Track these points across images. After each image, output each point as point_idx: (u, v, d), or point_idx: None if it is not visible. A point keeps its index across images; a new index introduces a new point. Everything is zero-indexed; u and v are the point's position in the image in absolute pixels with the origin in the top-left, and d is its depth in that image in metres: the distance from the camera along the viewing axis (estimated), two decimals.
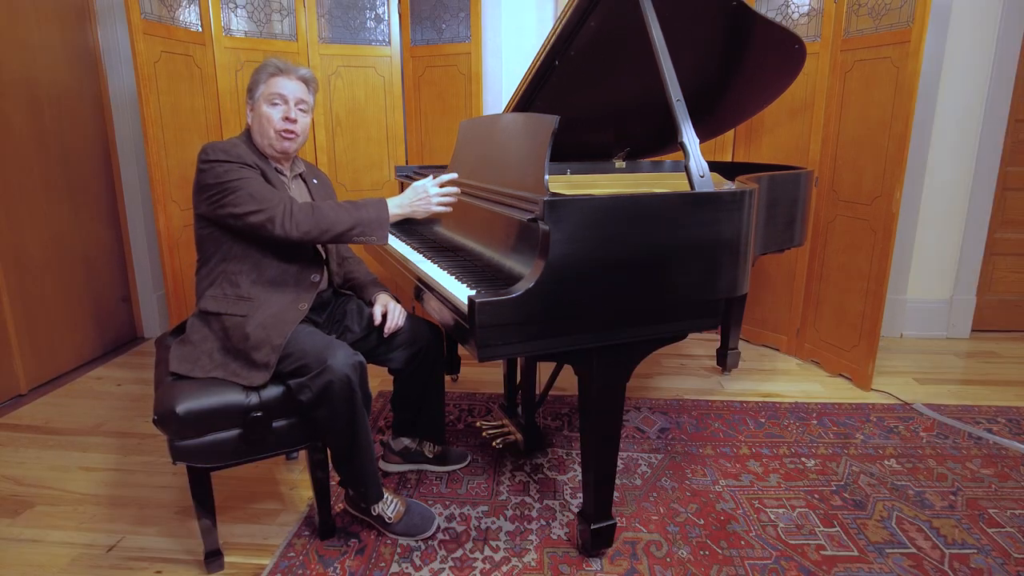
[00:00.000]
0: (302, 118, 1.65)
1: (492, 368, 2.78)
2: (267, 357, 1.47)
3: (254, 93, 1.64)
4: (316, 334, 1.54)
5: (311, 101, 1.70)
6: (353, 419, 1.48)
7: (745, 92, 2.33)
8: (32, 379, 2.60)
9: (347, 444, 1.52)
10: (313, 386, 1.44)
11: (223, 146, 1.55)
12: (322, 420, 1.48)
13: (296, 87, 1.64)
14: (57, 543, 1.65)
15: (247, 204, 1.50)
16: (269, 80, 1.62)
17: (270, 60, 1.65)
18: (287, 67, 1.64)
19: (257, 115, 1.63)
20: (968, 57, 2.91)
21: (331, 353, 1.45)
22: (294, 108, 1.63)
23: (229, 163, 1.52)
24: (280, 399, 1.49)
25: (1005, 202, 3.14)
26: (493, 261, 1.61)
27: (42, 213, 2.63)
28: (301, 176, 1.79)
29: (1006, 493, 1.87)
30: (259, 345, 1.48)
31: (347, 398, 1.45)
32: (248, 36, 2.73)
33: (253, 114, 1.65)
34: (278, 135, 1.62)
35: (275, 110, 1.61)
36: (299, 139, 1.66)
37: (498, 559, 1.58)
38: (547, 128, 1.47)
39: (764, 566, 1.55)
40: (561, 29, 1.85)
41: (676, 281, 1.39)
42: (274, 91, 1.61)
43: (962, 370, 2.84)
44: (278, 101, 1.61)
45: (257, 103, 1.63)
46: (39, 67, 2.61)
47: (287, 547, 1.62)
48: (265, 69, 1.63)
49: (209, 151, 1.53)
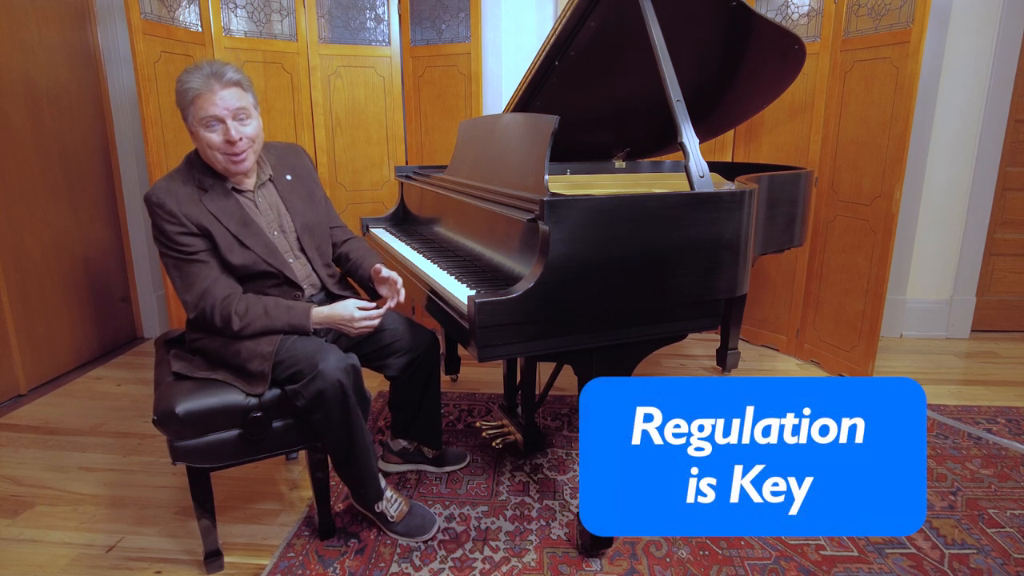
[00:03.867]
0: (246, 129, 1.46)
1: (492, 368, 2.78)
2: (261, 366, 1.46)
3: (186, 119, 1.45)
4: (308, 339, 1.52)
5: (250, 100, 1.49)
6: (348, 422, 1.48)
7: (745, 92, 2.33)
8: (32, 379, 2.60)
9: (344, 447, 1.51)
10: (306, 392, 1.43)
11: (159, 199, 1.43)
12: (318, 424, 1.48)
13: (227, 96, 1.42)
14: (57, 543, 1.65)
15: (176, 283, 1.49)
16: (195, 102, 1.41)
17: (186, 81, 1.41)
18: (208, 81, 1.41)
19: (198, 141, 1.46)
20: (968, 57, 2.91)
21: (322, 358, 1.43)
22: (233, 123, 1.43)
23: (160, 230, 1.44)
24: (279, 400, 1.49)
25: (1005, 202, 3.14)
26: (493, 261, 1.61)
27: (42, 213, 2.63)
28: (270, 180, 1.62)
29: (1006, 493, 1.87)
30: (250, 357, 1.47)
31: (340, 402, 1.44)
32: (248, 36, 2.73)
33: (196, 140, 1.47)
34: (227, 159, 1.46)
35: (214, 134, 1.43)
36: (252, 149, 1.50)
37: (498, 559, 1.58)
38: (547, 128, 1.47)
39: (764, 566, 1.55)
40: (561, 29, 1.85)
41: (676, 281, 1.39)
42: (204, 115, 1.41)
43: (962, 370, 2.84)
44: (213, 123, 1.42)
45: (194, 128, 1.45)
46: (39, 67, 2.60)
47: (287, 547, 1.62)
48: (187, 93, 1.41)
49: (149, 205, 1.44)
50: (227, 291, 1.48)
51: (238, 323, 1.45)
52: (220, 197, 1.50)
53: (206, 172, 1.51)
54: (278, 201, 1.63)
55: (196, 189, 1.49)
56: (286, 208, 1.63)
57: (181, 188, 1.47)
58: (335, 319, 1.52)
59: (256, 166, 1.58)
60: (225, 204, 1.50)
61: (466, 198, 1.76)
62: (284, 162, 1.68)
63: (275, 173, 1.64)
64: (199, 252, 1.47)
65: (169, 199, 1.44)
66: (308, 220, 1.65)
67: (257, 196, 1.59)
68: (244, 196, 1.56)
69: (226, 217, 1.49)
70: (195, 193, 1.48)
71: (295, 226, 1.63)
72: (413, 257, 1.85)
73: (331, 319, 1.52)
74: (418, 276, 1.69)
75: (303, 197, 1.68)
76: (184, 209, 1.44)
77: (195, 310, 1.47)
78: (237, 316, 1.45)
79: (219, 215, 1.48)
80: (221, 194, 1.51)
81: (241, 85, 1.47)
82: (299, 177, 1.69)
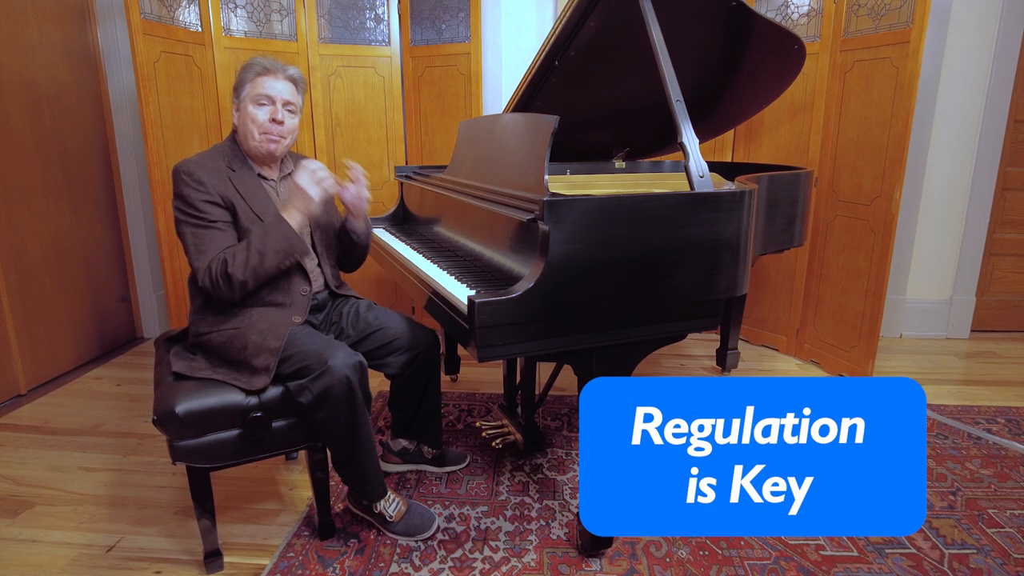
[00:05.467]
0: (289, 119, 1.60)
1: (492, 368, 2.78)
2: (266, 362, 1.47)
3: (240, 93, 1.58)
4: (316, 335, 1.53)
5: (299, 102, 1.64)
6: (354, 420, 1.48)
7: (745, 92, 2.33)
8: (31, 379, 2.60)
9: (348, 445, 1.51)
10: (313, 388, 1.43)
11: (189, 168, 1.50)
12: (322, 421, 1.47)
13: (284, 87, 1.58)
14: (56, 543, 1.65)
15: (190, 251, 1.50)
16: (256, 79, 1.56)
17: (257, 59, 1.58)
18: (275, 66, 1.57)
19: (242, 116, 1.58)
20: (968, 57, 2.91)
21: (331, 354, 1.44)
22: (281, 109, 1.57)
23: (184, 197, 1.49)
24: (280, 399, 1.49)
25: (1005, 202, 3.14)
26: (493, 261, 1.61)
27: (41, 213, 2.63)
28: (291, 175, 1.71)
29: (1005, 493, 1.87)
30: (257, 352, 1.48)
31: (347, 399, 1.45)
32: (248, 36, 2.73)
33: (239, 114, 1.59)
34: (264, 137, 1.57)
35: (261, 111, 1.56)
36: (285, 141, 1.62)
37: (498, 559, 1.58)
38: (547, 128, 1.47)
39: (764, 566, 1.55)
40: (561, 29, 1.85)
41: (676, 281, 1.39)
42: (261, 91, 1.55)
43: (962, 370, 2.84)
44: (265, 102, 1.56)
45: (243, 103, 1.58)
46: (39, 67, 2.60)
47: (287, 547, 1.62)
48: (252, 68, 1.57)
49: (178, 173, 1.50)
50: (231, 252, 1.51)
51: (231, 265, 1.46)
52: (247, 179, 1.59)
53: (236, 156, 1.61)
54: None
55: (226, 168, 1.57)
56: None
57: (211, 163, 1.55)
58: (293, 202, 1.52)
59: (281, 161, 1.70)
60: (251, 185, 1.59)
61: (466, 198, 1.76)
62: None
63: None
64: (218, 222, 1.51)
65: (199, 170, 1.51)
66: (321, 220, 1.71)
67: (279, 186, 1.68)
68: (268, 183, 1.65)
69: (251, 196, 1.57)
70: (224, 171, 1.56)
71: (309, 222, 1.67)
72: (413, 257, 1.85)
73: (291, 205, 1.53)
74: (418, 276, 1.69)
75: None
76: (212, 180, 1.52)
77: (205, 274, 1.47)
78: (230, 259, 1.46)
79: (244, 193, 1.56)
80: (248, 177, 1.60)
81: (297, 85, 1.62)
82: None
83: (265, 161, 1.64)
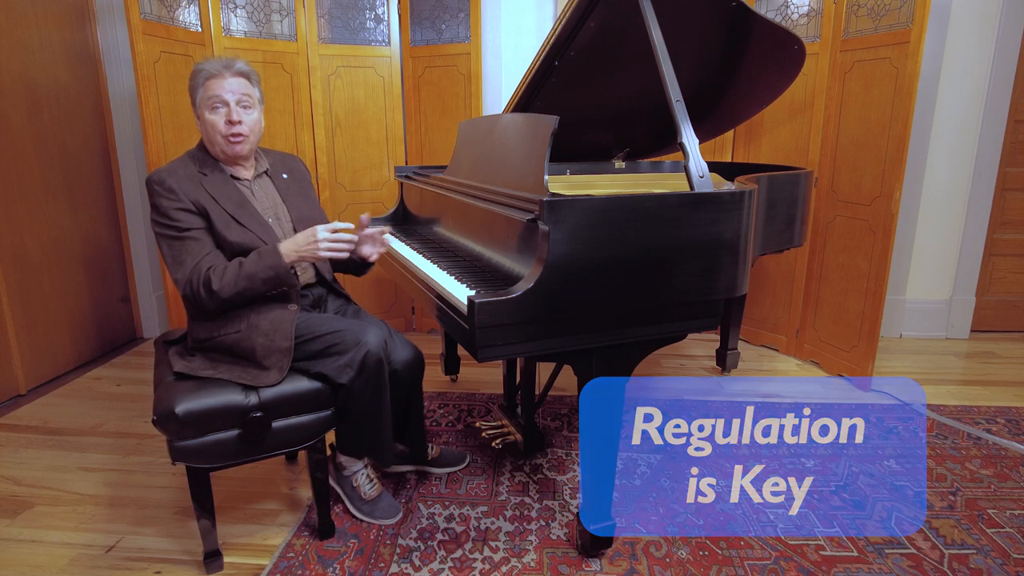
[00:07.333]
0: (247, 116, 1.57)
1: (492, 368, 2.78)
2: (279, 362, 1.50)
3: (195, 101, 1.57)
4: (339, 318, 1.59)
5: (256, 94, 1.61)
6: (381, 390, 1.56)
7: (745, 93, 2.33)
8: (31, 379, 2.60)
9: (376, 413, 1.57)
10: (353, 366, 1.50)
11: (160, 177, 1.51)
12: (356, 393, 1.52)
13: (234, 83, 1.55)
14: (56, 543, 1.65)
15: (169, 262, 1.51)
16: (205, 84, 1.55)
17: (201, 64, 1.56)
18: (220, 67, 1.55)
19: (203, 123, 1.57)
20: (967, 57, 2.91)
21: (363, 330, 1.53)
22: (236, 108, 1.55)
23: (158, 208, 1.50)
24: (279, 399, 1.49)
25: (1004, 202, 3.14)
26: (493, 261, 1.61)
27: (41, 213, 2.63)
28: (267, 174, 1.72)
29: (1005, 493, 1.87)
30: (267, 354, 1.50)
31: (378, 372, 1.53)
32: (248, 36, 2.73)
33: (200, 123, 1.59)
34: (226, 140, 1.56)
35: (217, 115, 1.55)
36: (250, 139, 1.60)
37: (497, 559, 1.58)
38: (547, 128, 1.47)
39: (764, 566, 1.55)
40: (561, 29, 1.85)
41: (675, 281, 1.39)
42: (211, 95, 1.54)
43: (961, 370, 2.84)
44: (218, 104, 1.54)
45: (200, 111, 1.57)
46: (38, 67, 2.60)
47: (286, 547, 1.62)
48: (199, 74, 1.55)
49: (150, 184, 1.51)
50: (211, 262, 1.50)
51: (217, 283, 1.46)
52: (219, 182, 1.58)
53: (206, 161, 1.60)
54: (275, 193, 1.72)
55: (197, 172, 1.57)
56: (282, 200, 1.71)
57: (182, 170, 1.56)
58: (300, 244, 1.51)
59: (253, 159, 1.68)
60: (223, 188, 1.58)
61: (466, 198, 1.76)
62: (281, 164, 1.79)
63: (272, 170, 1.74)
64: (192, 230, 1.51)
65: (169, 178, 1.52)
66: (303, 214, 1.72)
67: (254, 185, 1.67)
68: (242, 183, 1.64)
69: (223, 198, 1.56)
70: (196, 176, 1.56)
71: (291, 216, 1.70)
72: (413, 257, 1.85)
73: (297, 245, 1.51)
74: (418, 276, 1.69)
75: (299, 194, 1.77)
76: (183, 187, 1.52)
77: (185, 285, 1.48)
78: (216, 277, 1.47)
79: (217, 196, 1.55)
80: (220, 180, 1.59)
81: (249, 77, 1.60)
82: (295, 178, 1.79)
83: (235, 162, 1.63)
